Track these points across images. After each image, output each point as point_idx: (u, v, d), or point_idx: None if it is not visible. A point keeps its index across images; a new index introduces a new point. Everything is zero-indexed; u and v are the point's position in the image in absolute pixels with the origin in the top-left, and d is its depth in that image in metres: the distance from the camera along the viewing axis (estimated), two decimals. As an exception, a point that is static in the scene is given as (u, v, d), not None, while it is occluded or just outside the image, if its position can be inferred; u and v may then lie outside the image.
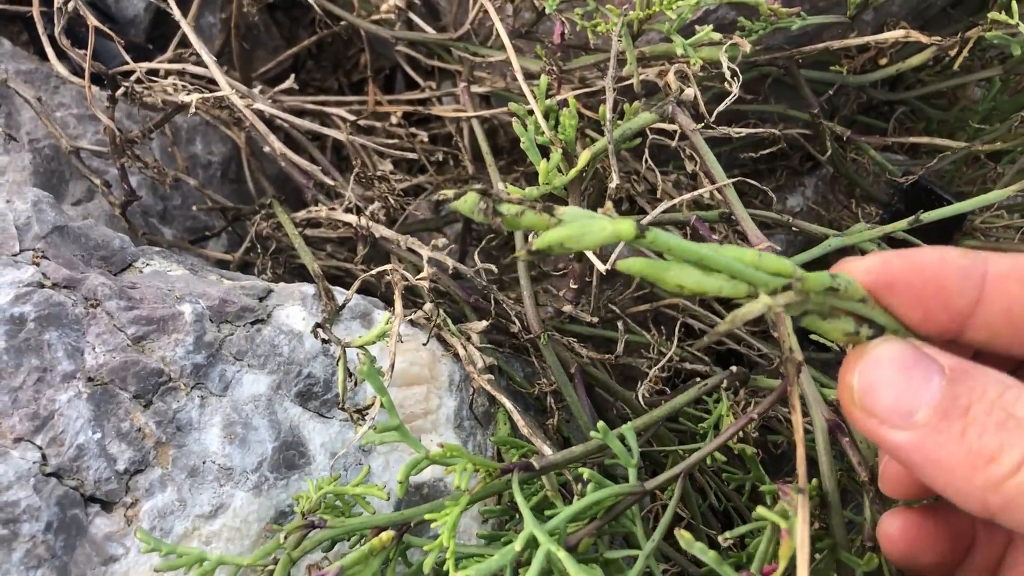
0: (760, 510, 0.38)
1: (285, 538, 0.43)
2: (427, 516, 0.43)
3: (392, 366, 0.54)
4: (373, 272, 0.57)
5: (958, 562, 0.41)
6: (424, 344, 0.58)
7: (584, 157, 0.59)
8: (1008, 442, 0.29)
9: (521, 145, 0.59)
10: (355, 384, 0.54)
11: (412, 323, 0.62)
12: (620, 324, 0.68)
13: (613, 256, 0.61)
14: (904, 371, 0.31)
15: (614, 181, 0.60)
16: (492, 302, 0.65)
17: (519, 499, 0.42)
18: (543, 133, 0.59)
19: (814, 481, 0.49)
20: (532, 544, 0.40)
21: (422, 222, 0.89)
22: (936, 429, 0.30)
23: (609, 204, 0.34)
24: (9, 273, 0.48)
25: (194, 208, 0.78)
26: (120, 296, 0.49)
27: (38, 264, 0.48)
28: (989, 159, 0.96)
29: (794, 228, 0.67)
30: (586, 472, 0.47)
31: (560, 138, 0.60)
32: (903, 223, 0.60)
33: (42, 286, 0.47)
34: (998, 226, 0.85)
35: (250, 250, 0.72)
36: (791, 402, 0.45)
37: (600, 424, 0.47)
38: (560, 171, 0.59)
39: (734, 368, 0.66)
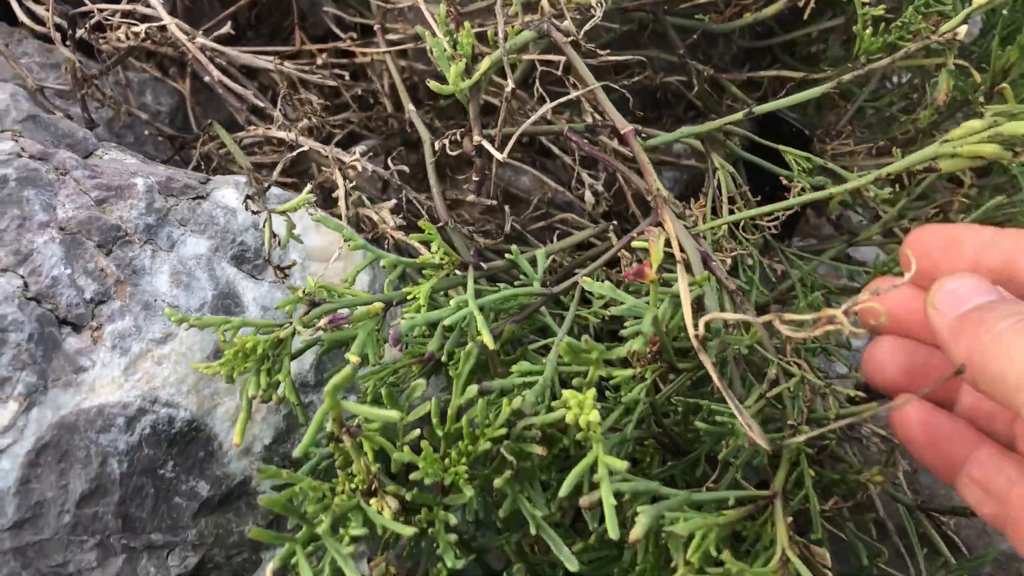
0: (636, 243, 0.50)
1: (296, 308, 0.53)
2: (406, 290, 0.54)
3: (348, 218, 0.66)
4: (292, 155, 0.70)
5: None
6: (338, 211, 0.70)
7: (484, 64, 0.71)
8: (1002, 317, 0.41)
9: (433, 55, 0.71)
10: (280, 246, 0.66)
11: (331, 214, 0.74)
12: (507, 207, 0.80)
13: (508, 147, 0.73)
14: (973, 289, 0.44)
15: (510, 86, 0.73)
16: (404, 200, 0.78)
17: (470, 285, 0.54)
18: (446, 51, 0.71)
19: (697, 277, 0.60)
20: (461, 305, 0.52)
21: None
22: (967, 317, 0.43)
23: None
24: (-8, 152, 0.59)
25: (146, 133, 0.90)
26: (84, 168, 0.61)
27: (16, 141, 0.60)
28: (844, 100, 1.10)
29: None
30: (502, 285, 0.59)
31: (460, 53, 0.72)
32: (737, 115, 0.73)
33: (20, 156, 0.59)
34: (843, 152, 0.99)
35: (196, 168, 0.83)
36: (663, 218, 0.58)
37: (513, 248, 0.59)
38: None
39: (615, 222, 0.78)
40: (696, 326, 0.45)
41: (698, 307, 0.68)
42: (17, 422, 0.55)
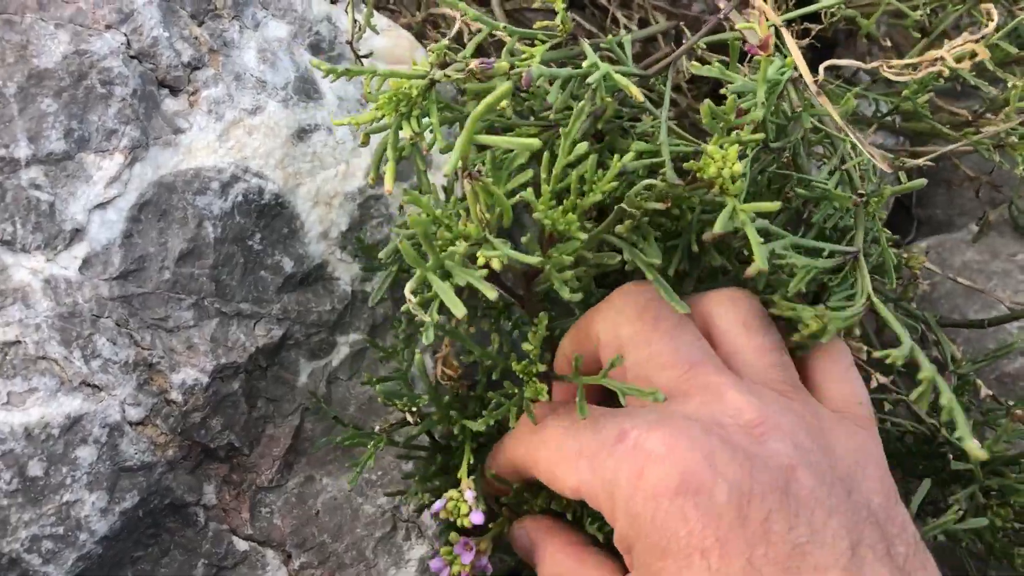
0: (740, 25, 0.53)
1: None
2: (524, 49, 0.55)
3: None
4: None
5: None
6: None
7: None
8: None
9: None
10: (360, 33, 0.67)
11: (393, 21, 0.75)
12: (570, 12, 0.83)
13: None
14: None
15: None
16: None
17: (589, 50, 0.55)
18: None
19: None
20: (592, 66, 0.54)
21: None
22: None
23: None
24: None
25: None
26: (173, -60, 0.62)
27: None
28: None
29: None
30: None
31: None
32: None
33: (114, -79, 0.59)
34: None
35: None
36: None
37: (608, 37, 0.61)
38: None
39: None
40: (816, 72, 0.49)
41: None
42: (122, 175, 0.56)
